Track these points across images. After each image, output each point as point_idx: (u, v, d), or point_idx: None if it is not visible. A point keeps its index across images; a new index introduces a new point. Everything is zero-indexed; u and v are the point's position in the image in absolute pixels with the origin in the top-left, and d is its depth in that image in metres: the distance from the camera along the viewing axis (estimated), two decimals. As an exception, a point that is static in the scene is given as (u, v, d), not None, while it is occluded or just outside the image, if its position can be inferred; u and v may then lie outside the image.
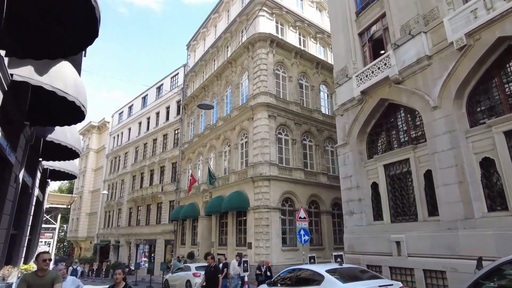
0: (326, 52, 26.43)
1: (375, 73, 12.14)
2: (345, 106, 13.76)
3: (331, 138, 23.54)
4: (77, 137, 9.89)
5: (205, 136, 26.23)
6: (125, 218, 36.92)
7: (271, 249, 17.64)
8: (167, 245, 29.63)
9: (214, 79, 26.35)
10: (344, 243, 12.97)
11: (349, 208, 12.92)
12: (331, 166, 23.04)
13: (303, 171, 20.58)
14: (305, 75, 23.58)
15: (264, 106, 19.93)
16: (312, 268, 6.97)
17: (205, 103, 10.75)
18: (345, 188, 13.29)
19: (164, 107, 35.52)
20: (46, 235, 17.89)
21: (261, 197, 18.44)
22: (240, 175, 20.88)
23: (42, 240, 16.86)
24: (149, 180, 34.36)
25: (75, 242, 47.33)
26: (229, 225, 20.82)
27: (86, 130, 49.99)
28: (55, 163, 12.12)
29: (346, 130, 13.65)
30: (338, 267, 6.83)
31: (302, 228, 12.84)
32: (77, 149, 9.47)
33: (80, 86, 6.24)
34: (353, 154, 13.13)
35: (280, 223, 18.63)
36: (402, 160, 11.33)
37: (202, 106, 10.81)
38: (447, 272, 8.79)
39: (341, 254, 11.80)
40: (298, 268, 7.41)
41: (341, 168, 13.69)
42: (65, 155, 10.40)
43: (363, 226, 12.17)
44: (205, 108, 10.96)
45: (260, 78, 20.67)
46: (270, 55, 21.49)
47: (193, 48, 33.60)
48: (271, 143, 19.52)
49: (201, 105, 10.83)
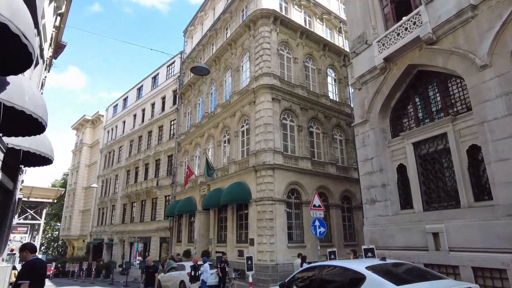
0: (333, 35, 24.52)
1: (402, 35, 10.22)
2: (364, 78, 11.84)
3: (340, 126, 21.67)
4: (40, 102, 7.85)
5: (202, 126, 24.29)
6: (119, 215, 34.96)
7: (275, 245, 15.70)
8: (162, 243, 27.66)
9: (212, 63, 24.39)
10: (365, 236, 11.04)
11: (370, 196, 10.98)
12: (339, 156, 21.14)
13: (310, 161, 18.65)
14: (311, 57, 21.66)
15: (267, 88, 18.00)
16: (344, 265, 5.04)
17: (199, 65, 8.81)
18: (365, 172, 11.36)
19: (159, 98, 33.57)
20: (19, 229, 15.84)
21: (265, 188, 16.51)
22: (240, 164, 18.95)
23: (15, 235, 14.84)
24: (144, 175, 32.41)
25: (67, 240, 45.35)
26: (229, 220, 18.88)
27: (79, 124, 48.06)
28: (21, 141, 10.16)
29: (365, 106, 11.73)
30: (381, 262, 4.90)
31: (316, 218, 10.85)
32: (40, 118, 7.48)
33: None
34: (374, 133, 11.20)
35: (286, 217, 16.69)
36: (436, 135, 9.41)
37: (195, 69, 8.88)
38: (509, 270, 6.87)
39: (372, 247, 9.87)
40: (321, 265, 5.46)
41: (360, 150, 11.75)
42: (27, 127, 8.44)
43: (389, 216, 10.24)
44: (199, 73, 9.03)
45: (263, 58, 18.74)
46: (274, 33, 19.56)
47: (190, 34, 31.64)
48: (275, 129, 17.58)
49: (195, 68, 8.88)
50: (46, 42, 14.70)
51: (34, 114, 6.37)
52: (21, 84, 6.91)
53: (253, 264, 14.08)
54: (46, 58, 17.44)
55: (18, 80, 6.81)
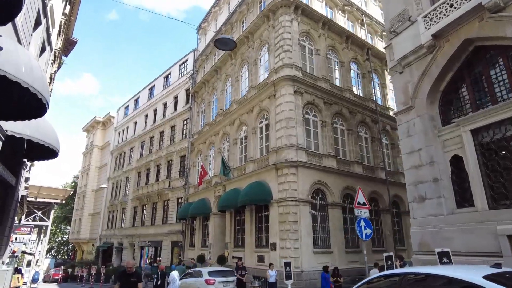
0: (355, 28, 23.15)
1: (457, 5, 8.82)
2: (407, 59, 10.42)
3: (365, 123, 20.20)
4: (39, 75, 6.58)
5: (217, 124, 23.07)
6: (129, 218, 33.87)
7: (300, 251, 14.23)
8: (174, 247, 26.37)
9: (228, 58, 23.27)
10: (413, 239, 9.52)
11: (418, 193, 9.49)
12: (365, 155, 19.62)
13: (335, 159, 17.20)
14: (333, 50, 20.32)
15: (289, 80, 16.69)
16: (445, 273, 3.60)
17: (224, 37, 7.52)
18: (411, 166, 9.88)
19: (172, 97, 32.55)
20: (22, 229, 14.69)
21: (287, 188, 15.10)
22: (259, 163, 17.60)
23: (17, 236, 13.66)
24: (155, 176, 31.29)
25: (77, 244, 44.47)
26: (247, 223, 17.49)
27: (90, 126, 47.48)
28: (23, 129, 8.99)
29: (409, 91, 10.30)
30: (499, 271, 3.48)
31: (362, 218, 9.36)
32: (40, 93, 6.24)
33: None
34: (421, 121, 9.74)
35: (311, 220, 15.22)
36: (503, 120, 7.93)
37: (219, 42, 7.58)
38: None
39: (446, 250, 8.14)
40: (405, 273, 4.06)
41: (404, 141, 10.28)
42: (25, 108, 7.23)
43: (443, 215, 8.73)
44: (224, 47, 7.73)
45: (284, 48, 17.47)
46: (295, 23, 18.30)
47: (203, 30, 30.63)
48: (297, 124, 16.22)
49: (219, 40, 7.59)
50: (54, 28, 13.71)
51: (32, 87, 5.30)
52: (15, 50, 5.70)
53: (278, 271, 12.71)
54: (55, 50, 16.51)
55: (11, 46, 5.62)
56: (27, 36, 9.25)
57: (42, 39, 12.01)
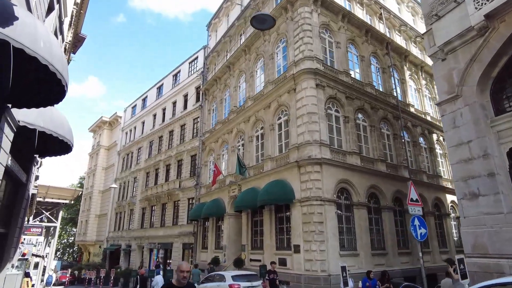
0: (374, 22, 22.28)
1: (515, -20, 7.96)
2: (451, 44, 9.56)
3: (387, 119, 19.32)
4: (59, 53, 5.74)
5: (230, 121, 22.26)
6: (138, 220, 33.08)
7: (327, 253, 13.32)
8: (185, 250, 25.53)
9: (242, 53, 22.47)
10: (464, 240, 8.62)
11: (470, 189, 8.60)
12: (388, 153, 18.72)
13: (359, 156, 16.33)
14: (353, 43, 19.48)
15: (310, 73, 15.85)
16: None
17: (261, 14, 6.70)
18: (459, 160, 8.99)
19: (181, 95, 31.80)
20: (33, 230, 13.93)
21: (311, 186, 14.23)
22: (278, 161, 16.75)
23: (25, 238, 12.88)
24: (165, 176, 30.50)
25: (83, 246, 43.73)
26: (266, 224, 16.61)
27: (97, 126, 46.88)
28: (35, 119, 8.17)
29: (453, 79, 9.43)
30: None
31: (415, 216, 8.46)
32: (59, 73, 5.37)
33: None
34: (471, 110, 8.87)
35: (337, 220, 14.33)
36: None
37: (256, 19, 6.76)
38: None
39: (461, 257, 7.45)
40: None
41: (450, 133, 9.40)
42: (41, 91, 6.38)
43: (503, 214, 7.83)
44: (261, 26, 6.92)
45: (304, 40, 16.65)
46: (315, 14, 17.49)
47: (214, 27, 29.91)
48: (320, 119, 15.37)
49: (256, 17, 6.75)
50: (66, 18, 12.98)
51: (51, 65, 4.52)
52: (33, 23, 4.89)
53: (303, 275, 11.83)
54: (65, 43, 15.80)
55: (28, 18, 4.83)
56: (41, 19, 8.50)
57: (54, 26, 11.25)
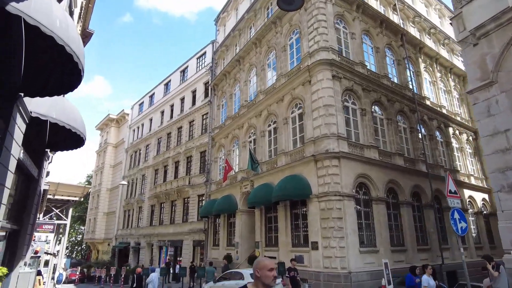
0: (388, 13, 21.63)
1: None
2: (484, 28, 9.00)
3: (403, 112, 18.76)
4: (75, 34, 5.29)
5: (241, 116, 21.80)
6: (146, 217, 32.84)
7: (346, 250, 12.84)
8: (196, 247, 25.19)
9: (252, 46, 21.97)
10: (502, 236, 8.09)
11: (508, 181, 8.07)
12: (405, 147, 18.15)
13: (377, 150, 15.80)
14: (368, 34, 18.90)
15: (326, 65, 15.33)
16: None
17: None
18: (495, 150, 8.46)
19: (189, 91, 31.39)
20: (45, 227, 13.61)
21: (329, 181, 13.74)
22: (293, 155, 16.27)
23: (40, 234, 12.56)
24: (174, 173, 30.17)
25: (92, 244, 43.70)
26: (281, 220, 16.16)
27: (104, 124, 46.72)
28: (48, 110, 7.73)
29: (487, 65, 8.88)
30: None
31: (455, 209, 7.93)
32: (76, 56, 4.93)
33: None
34: (508, 97, 8.32)
35: (356, 216, 13.84)
36: None
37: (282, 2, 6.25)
38: None
39: None
40: None
41: (484, 122, 8.85)
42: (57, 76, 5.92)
43: (548, 208, 7.32)
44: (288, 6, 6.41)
45: (319, 31, 16.12)
46: (329, 4, 16.95)
47: (222, 21, 29.43)
48: (337, 111, 14.86)
49: None
50: (76, 8, 12.59)
51: (68, 46, 4.25)
52: (49, 2, 4.53)
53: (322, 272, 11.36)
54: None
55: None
56: (54, 4, 8.08)
57: (65, 16, 10.85)
